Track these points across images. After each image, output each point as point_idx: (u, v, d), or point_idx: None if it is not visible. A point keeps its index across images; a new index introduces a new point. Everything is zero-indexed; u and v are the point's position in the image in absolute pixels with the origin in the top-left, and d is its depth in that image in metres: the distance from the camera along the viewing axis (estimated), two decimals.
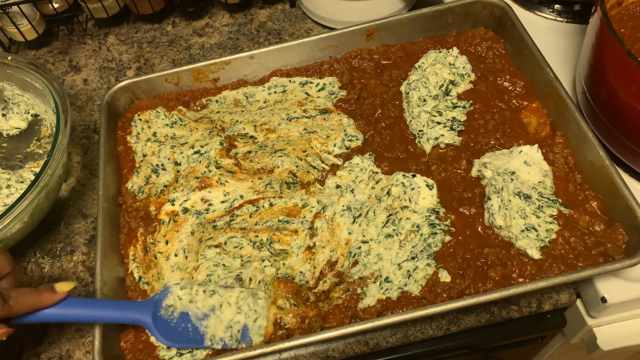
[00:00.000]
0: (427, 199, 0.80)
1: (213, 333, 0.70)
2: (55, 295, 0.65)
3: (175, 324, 0.70)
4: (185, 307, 0.70)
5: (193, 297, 0.71)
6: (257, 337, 0.71)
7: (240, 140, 0.90)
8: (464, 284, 0.72)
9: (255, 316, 0.71)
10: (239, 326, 0.70)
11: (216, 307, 0.71)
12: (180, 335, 0.69)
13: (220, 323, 0.70)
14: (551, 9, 1.04)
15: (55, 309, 0.65)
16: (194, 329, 0.70)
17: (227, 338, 0.70)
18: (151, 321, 0.69)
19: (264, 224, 0.81)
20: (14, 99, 0.96)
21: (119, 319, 0.69)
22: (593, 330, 0.78)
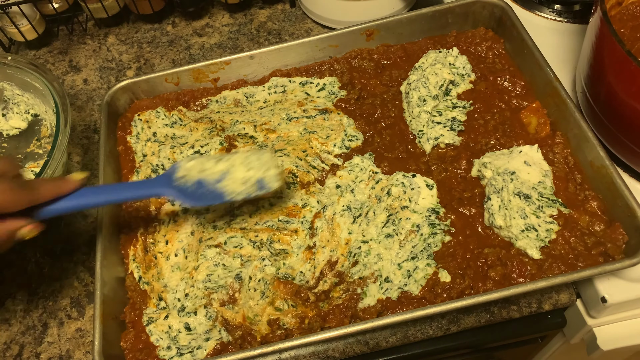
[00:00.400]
0: (427, 199, 0.80)
1: (232, 190, 0.73)
2: (73, 182, 0.67)
3: (194, 190, 0.72)
4: (199, 176, 0.73)
5: (202, 166, 0.73)
6: (275, 183, 0.73)
7: (240, 140, 0.90)
8: (464, 284, 0.72)
9: (265, 167, 0.73)
10: (253, 180, 0.73)
11: (225, 171, 0.73)
12: (201, 197, 0.72)
13: (235, 182, 0.73)
14: (551, 9, 1.04)
15: (76, 197, 0.67)
16: (212, 191, 0.72)
17: (246, 190, 0.73)
18: (172, 190, 0.72)
19: (264, 224, 0.81)
20: (14, 99, 0.96)
21: (141, 196, 0.73)
22: (593, 330, 0.78)
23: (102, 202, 0.72)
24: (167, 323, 0.75)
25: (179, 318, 0.75)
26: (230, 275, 0.77)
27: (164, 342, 0.74)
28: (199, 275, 0.77)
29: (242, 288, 0.76)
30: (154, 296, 0.78)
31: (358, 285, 0.75)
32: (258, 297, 0.74)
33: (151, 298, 0.78)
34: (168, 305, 0.77)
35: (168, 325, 0.75)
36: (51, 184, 0.66)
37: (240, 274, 0.77)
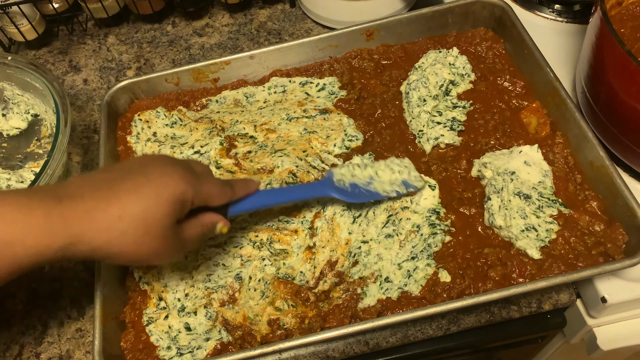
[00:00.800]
0: (428, 199, 0.80)
1: (383, 189, 0.79)
2: (254, 182, 0.73)
3: (351, 191, 0.79)
4: (351, 180, 0.80)
5: (352, 172, 0.80)
6: (418, 183, 0.80)
7: (240, 140, 0.90)
8: (464, 284, 0.72)
9: (407, 170, 0.81)
10: (399, 181, 0.80)
11: (373, 175, 0.80)
12: (359, 195, 0.79)
13: (384, 184, 0.80)
14: (551, 9, 1.04)
15: (257, 196, 0.73)
16: (367, 191, 0.79)
17: (396, 189, 0.79)
18: (335, 191, 0.78)
19: (264, 224, 0.81)
20: (14, 99, 0.96)
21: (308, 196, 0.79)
22: (593, 330, 0.78)
23: (277, 202, 0.78)
24: (167, 323, 0.75)
25: (179, 318, 0.75)
26: (230, 275, 0.77)
27: (164, 342, 0.74)
28: (199, 275, 0.77)
29: (242, 288, 0.76)
30: (154, 296, 0.78)
31: (358, 285, 0.75)
32: (258, 297, 0.74)
33: (151, 298, 0.78)
34: (168, 305, 0.77)
35: (168, 325, 0.75)
36: (242, 184, 0.71)
37: (240, 273, 0.77)
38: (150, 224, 0.57)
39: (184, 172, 0.61)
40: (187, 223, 0.63)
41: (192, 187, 0.61)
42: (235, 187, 0.69)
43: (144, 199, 0.57)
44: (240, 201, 0.71)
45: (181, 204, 0.60)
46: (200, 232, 0.65)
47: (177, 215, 0.60)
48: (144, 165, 0.61)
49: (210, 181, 0.65)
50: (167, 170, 0.60)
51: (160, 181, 0.59)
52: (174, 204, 0.59)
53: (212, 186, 0.65)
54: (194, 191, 0.61)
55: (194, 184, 0.61)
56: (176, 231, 0.61)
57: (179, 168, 0.61)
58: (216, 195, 0.65)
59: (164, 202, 0.58)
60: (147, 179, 0.59)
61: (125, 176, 0.59)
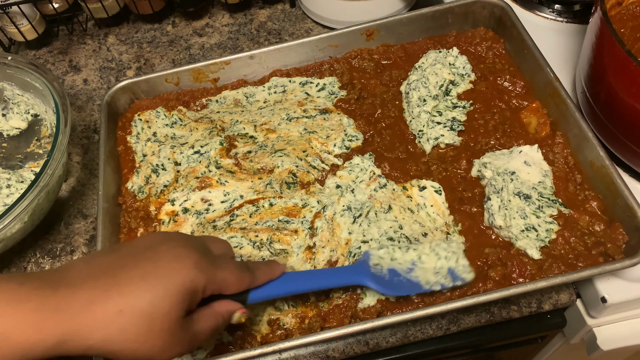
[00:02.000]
0: (435, 206, 0.80)
1: (426, 280, 0.71)
2: (280, 265, 0.67)
3: (389, 279, 0.71)
4: (390, 265, 0.72)
5: (392, 254, 0.72)
6: (467, 275, 0.71)
7: (240, 140, 0.90)
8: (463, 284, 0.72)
9: (455, 257, 0.72)
10: (444, 270, 0.71)
11: (415, 260, 0.72)
12: (397, 286, 0.71)
13: (427, 272, 0.71)
14: (551, 9, 1.04)
15: (282, 281, 0.67)
16: (408, 280, 0.71)
17: (441, 280, 0.70)
18: (370, 280, 0.70)
19: (264, 224, 0.81)
20: (14, 99, 0.96)
21: (340, 284, 0.72)
22: (593, 330, 0.78)
23: (305, 289, 0.70)
24: None
25: None
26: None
27: None
28: None
29: None
30: None
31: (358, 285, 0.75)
32: None
33: None
34: None
35: None
36: (266, 268, 0.65)
37: None
38: (155, 318, 0.51)
39: (197, 258, 0.55)
40: (198, 314, 0.57)
41: (204, 275, 0.55)
42: (256, 272, 0.63)
43: (149, 290, 0.51)
44: (263, 286, 0.65)
45: (192, 294, 0.54)
46: (214, 324, 0.59)
47: (186, 307, 0.54)
48: (154, 247, 0.55)
49: (227, 267, 0.59)
50: (179, 255, 0.55)
51: (169, 268, 0.53)
52: (183, 295, 0.53)
53: (228, 273, 0.59)
54: (206, 279, 0.55)
55: (208, 270, 0.56)
56: (185, 324, 0.55)
57: (193, 252, 0.56)
58: (232, 283, 0.59)
59: (172, 294, 0.52)
60: (155, 265, 0.53)
61: (131, 261, 0.53)
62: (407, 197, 0.81)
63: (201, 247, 0.58)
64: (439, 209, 0.80)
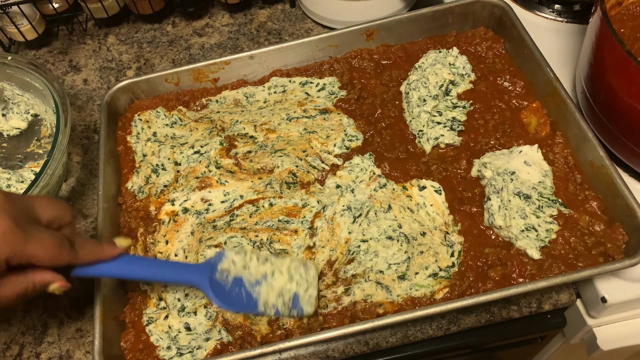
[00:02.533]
0: (435, 207, 0.80)
1: (266, 299, 0.70)
2: (115, 249, 0.66)
3: (230, 289, 0.70)
4: (239, 273, 0.70)
5: (247, 263, 0.71)
6: (308, 307, 0.71)
7: (240, 140, 0.90)
8: (464, 284, 0.72)
9: (306, 285, 0.71)
10: (289, 294, 0.70)
11: (268, 275, 0.71)
12: (234, 299, 0.69)
13: (272, 290, 0.70)
14: (551, 9, 1.04)
15: (115, 264, 0.66)
16: (247, 295, 0.70)
17: (279, 305, 0.70)
18: (208, 284, 0.69)
19: (264, 224, 0.81)
20: (14, 99, 0.96)
21: (176, 280, 0.70)
22: (593, 330, 0.78)
23: (137, 276, 0.69)
24: (167, 323, 0.75)
25: (179, 318, 0.75)
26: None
27: (164, 342, 0.74)
28: None
29: None
30: (154, 296, 0.78)
31: (350, 282, 0.75)
32: None
33: (151, 298, 0.78)
34: (168, 305, 0.76)
35: (168, 325, 0.75)
36: (94, 248, 0.64)
37: None
38: None
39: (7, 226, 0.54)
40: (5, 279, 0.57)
41: (9, 247, 0.54)
42: (80, 251, 0.62)
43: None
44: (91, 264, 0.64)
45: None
46: (21, 290, 0.58)
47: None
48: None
49: (42, 241, 0.57)
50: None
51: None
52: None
53: (41, 248, 0.57)
54: (10, 251, 0.54)
55: (14, 243, 0.54)
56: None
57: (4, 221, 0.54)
58: (45, 259, 0.57)
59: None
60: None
61: None
62: (407, 197, 0.81)
63: (20, 212, 0.56)
64: (439, 208, 0.80)
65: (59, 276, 0.61)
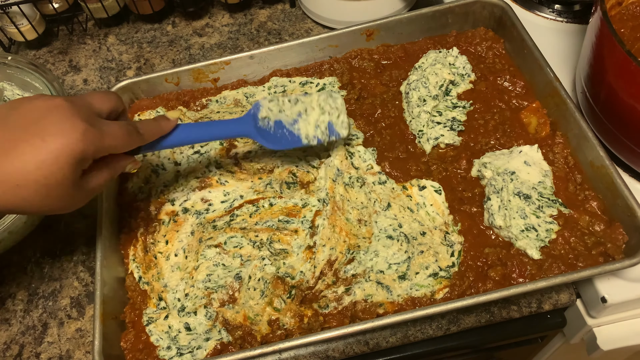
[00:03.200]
0: (435, 207, 0.80)
1: (306, 133, 0.78)
2: (170, 122, 0.71)
3: (274, 132, 0.77)
4: (277, 117, 0.77)
5: (281, 107, 0.77)
6: (343, 130, 0.79)
7: (240, 140, 0.90)
8: (464, 285, 0.72)
9: (337, 112, 0.78)
10: (325, 124, 0.78)
11: (302, 112, 0.78)
12: (280, 140, 0.77)
13: (309, 124, 0.78)
14: (551, 9, 1.04)
15: (173, 136, 0.71)
16: (290, 133, 0.78)
17: (319, 134, 0.78)
18: (256, 131, 0.76)
19: (264, 224, 0.81)
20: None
21: (227, 134, 0.77)
22: (593, 330, 0.78)
23: (194, 139, 0.74)
24: (167, 323, 0.75)
25: (179, 318, 0.75)
26: (230, 275, 0.77)
27: (164, 342, 0.74)
28: (198, 275, 0.77)
29: (242, 287, 0.76)
30: (154, 296, 0.78)
31: (350, 282, 0.75)
32: (258, 296, 0.74)
33: (151, 298, 0.78)
34: (168, 305, 0.77)
35: (168, 325, 0.75)
36: (154, 126, 0.70)
37: (240, 273, 0.77)
38: (51, 188, 0.57)
39: (84, 128, 0.58)
40: (92, 172, 0.63)
41: (92, 145, 0.59)
42: (144, 132, 0.67)
43: (42, 165, 0.56)
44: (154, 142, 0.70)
45: (81, 162, 0.59)
46: (108, 176, 0.65)
47: (77, 172, 0.59)
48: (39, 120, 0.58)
49: (114, 132, 0.62)
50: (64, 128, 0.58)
51: (59, 142, 0.57)
52: (74, 165, 0.58)
53: (116, 138, 0.63)
54: (94, 147, 0.59)
55: (95, 140, 0.59)
56: (81, 184, 0.61)
57: (79, 122, 0.58)
58: (121, 147, 0.64)
59: (63, 165, 0.57)
60: (44, 141, 0.56)
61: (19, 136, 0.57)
62: (406, 197, 0.81)
63: (87, 114, 0.61)
64: (439, 208, 0.80)
65: (132, 157, 0.69)
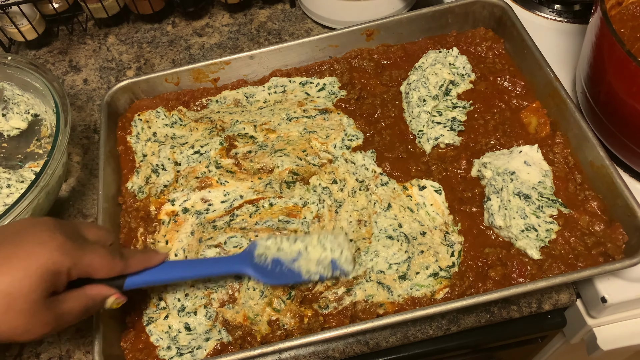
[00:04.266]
0: (435, 207, 0.80)
1: (307, 269, 0.73)
2: (159, 255, 0.69)
3: (271, 268, 0.73)
4: (276, 254, 0.74)
5: (279, 245, 0.74)
6: (348, 266, 0.74)
7: (240, 140, 0.90)
8: (464, 285, 0.72)
9: (339, 249, 0.74)
10: (327, 261, 0.74)
11: (302, 250, 0.74)
12: (279, 275, 0.73)
13: (310, 262, 0.74)
14: (551, 9, 1.04)
15: (160, 269, 0.69)
16: (289, 270, 0.73)
17: (321, 270, 0.73)
18: (252, 269, 0.73)
19: (264, 224, 0.81)
20: (14, 99, 0.96)
21: (220, 273, 0.74)
22: (593, 330, 0.78)
23: (183, 277, 0.72)
24: (167, 323, 0.75)
25: (178, 318, 0.75)
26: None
27: (164, 342, 0.74)
28: None
29: (242, 287, 0.76)
30: (154, 296, 0.78)
31: (351, 284, 0.75)
32: (257, 296, 0.74)
33: (151, 298, 0.77)
34: (168, 305, 0.76)
35: (168, 325, 0.75)
36: (141, 256, 0.67)
37: None
38: (14, 299, 0.53)
39: (62, 240, 0.56)
40: (66, 294, 0.59)
41: (69, 258, 0.56)
42: (130, 260, 0.65)
43: (10, 272, 0.53)
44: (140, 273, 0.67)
45: (53, 275, 0.55)
46: (83, 306, 0.60)
47: (48, 288, 0.55)
48: (20, 232, 0.56)
49: (96, 251, 0.60)
50: (42, 237, 0.56)
51: (31, 251, 0.54)
52: (44, 276, 0.54)
53: (96, 257, 0.60)
54: (71, 262, 0.56)
55: (72, 254, 0.57)
56: (50, 305, 0.56)
57: (59, 235, 0.57)
58: (100, 268, 0.60)
59: (32, 275, 0.54)
60: (17, 248, 0.54)
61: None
62: (407, 197, 0.81)
63: (70, 232, 0.59)
64: (439, 208, 0.80)
65: (114, 290, 0.64)
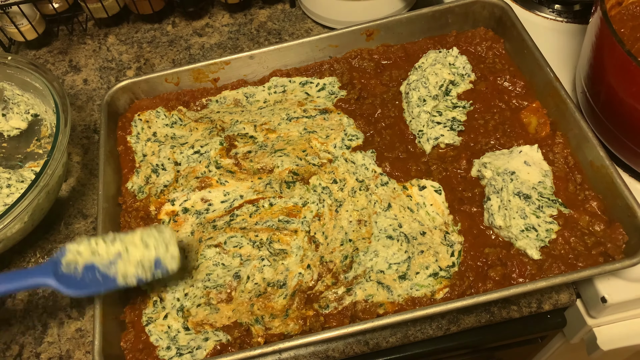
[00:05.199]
0: (435, 207, 0.80)
1: (124, 273, 0.70)
2: None
3: (82, 277, 0.70)
4: (89, 260, 0.70)
5: (94, 249, 0.70)
6: (173, 264, 0.71)
7: (240, 140, 0.90)
8: (464, 284, 0.72)
9: (164, 246, 0.71)
10: (150, 261, 0.71)
11: (122, 252, 0.70)
12: (89, 284, 0.70)
13: (130, 263, 0.70)
14: (551, 9, 1.04)
15: None
16: (103, 276, 0.70)
17: (139, 272, 0.70)
18: (54, 280, 0.69)
19: (263, 224, 0.81)
20: (14, 99, 0.96)
21: (20, 288, 0.70)
22: (593, 330, 0.78)
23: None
24: (166, 323, 0.75)
25: (178, 318, 0.75)
26: (229, 274, 0.77)
27: (164, 342, 0.74)
28: (198, 275, 0.77)
29: (239, 287, 0.76)
30: (153, 296, 0.78)
31: (351, 284, 0.75)
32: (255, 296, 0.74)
33: (151, 298, 0.77)
34: (167, 305, 0.76)
35: (167, 325, 0.75)
36: None
37: (238, 272, 0.77)
38: None
39: None
40: None
41: None
42: None
43: None
44: None
45: None
46: None
47: None
48: None
49: None
50: None
51: None
52: None
53: None
54: None
55: None
56: None
57: None
58: None
59: None
60: None
61: None
62: (407, 197, 0.81)
63: None
64: (439, 208, 0.80)
65: None
